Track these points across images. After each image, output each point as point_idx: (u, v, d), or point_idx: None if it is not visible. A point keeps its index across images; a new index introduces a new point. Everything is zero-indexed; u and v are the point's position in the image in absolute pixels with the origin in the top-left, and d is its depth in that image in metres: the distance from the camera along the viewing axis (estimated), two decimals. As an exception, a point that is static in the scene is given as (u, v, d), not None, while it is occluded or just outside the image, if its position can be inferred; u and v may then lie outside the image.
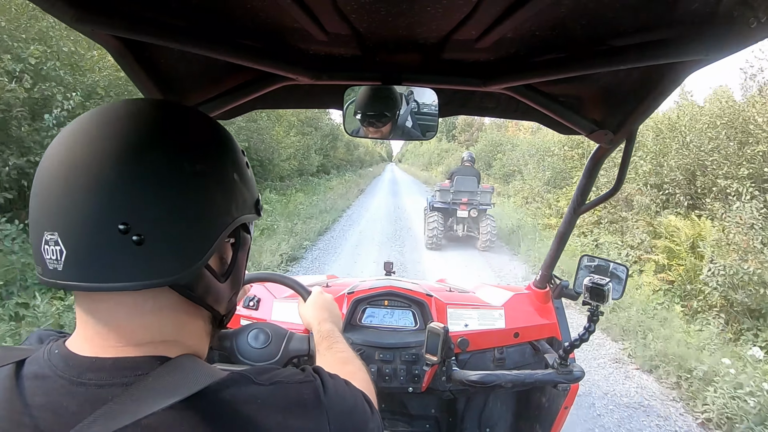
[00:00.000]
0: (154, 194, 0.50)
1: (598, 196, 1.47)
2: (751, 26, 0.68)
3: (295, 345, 1.18)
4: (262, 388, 0.53)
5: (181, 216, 0.52)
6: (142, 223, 0.49)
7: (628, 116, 1.13)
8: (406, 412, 1.87)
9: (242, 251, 0.66)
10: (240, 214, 0.60)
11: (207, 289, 0.58)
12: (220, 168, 0.58)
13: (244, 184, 0.62)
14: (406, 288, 1.71)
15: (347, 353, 0.92)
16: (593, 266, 1.56)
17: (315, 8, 0.78)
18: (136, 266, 0.50)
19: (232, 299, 0.66)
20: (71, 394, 0.49)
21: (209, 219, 0.55)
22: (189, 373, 0.51)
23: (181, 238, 0.52)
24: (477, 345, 1.65)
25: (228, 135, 0.63)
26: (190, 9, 0.80)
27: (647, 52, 0.81)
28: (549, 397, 1.76)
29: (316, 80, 1.05)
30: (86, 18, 0.70)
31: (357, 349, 1.54)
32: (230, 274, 0.62)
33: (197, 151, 0.55)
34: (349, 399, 0.61)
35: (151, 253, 0.50)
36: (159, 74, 0.99)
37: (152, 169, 0.50)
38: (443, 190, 8.82)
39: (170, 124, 0.56)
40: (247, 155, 0.68)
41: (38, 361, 0.54)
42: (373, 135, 1.18)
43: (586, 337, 1.39)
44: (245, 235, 0.66)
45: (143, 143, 0.52)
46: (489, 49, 0.95)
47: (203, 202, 0.54)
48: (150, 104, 0.58)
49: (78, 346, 0.54)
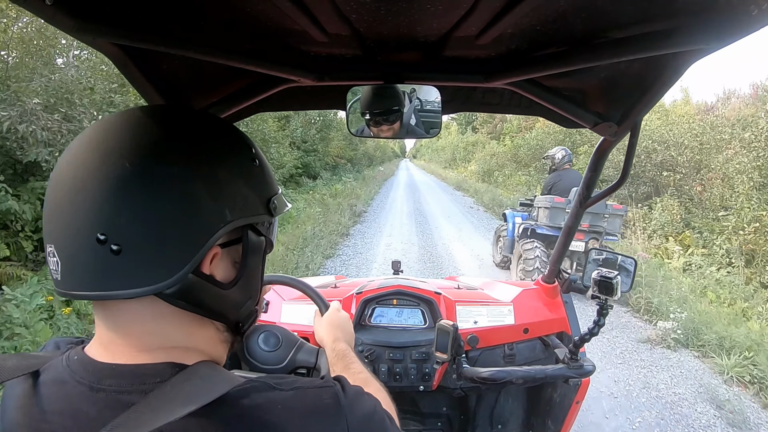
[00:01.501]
0: (127, 202, 0.49)
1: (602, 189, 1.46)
2: (752, 13, 0.67)
3: (303, 356, 1.18)
4: (282, 394, 0.53)
5: (158, 223, 0.50)
6: (120, 232, 0.49)
7: (632, 108, 1.13)
8: (417, 411, 1.87)
9: (254, 255, 0.61)
10: (238, 216, 0.56)
11: (207, 297, 0.56)
12: (205, 168, 0.54)
13: (247, 183, 0.58)
14: (414, 286, 1.72)
15: (365, 374, 0.91)
16: (601, 259, 1.56)
17: (315, 10, 0.79)
18: (118, 276, 0.49)
19: (245, 306, 0.62)
20: (91, 400, 0.50)
21: (192, 224, 0.52)
22: (207, 381, 0.51)
23: (161, 245, 0.50)
24: (487, 342, 1.65)
25: (222, 132, 0.60)
26: (191, 15, 0.80)
27: (648, 43, 0.81)
28: (560, 393, 1.75)
29: (318, 81, 1.05)
30: (87, 27, 0.70)
31: (367, 349, 1.55)
32: (238, 281, 0.59)
33: (173, 153, 0.53)
34: (368, 405, 0.60)
35: (131, 262, 0.49)
36: (161, 81, 0.99)
37: (124, 177, 0.49)
38: (556, 209, 5.92)
39: (144, 127, 0.54)
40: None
41: (57, 367, 0.54)
42: (379, 134, 1.19)
43: (596, 331, 1.39)
44: (256, 238, 0.61)
45: (115, 151, 0.51)
46: (490, 45, 0.95)
47: (182, 207, 0.51)
48: (129, 111, 0.57)
49: (96, 353, 0.54)
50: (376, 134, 1.19)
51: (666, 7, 0.76)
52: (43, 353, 0.61)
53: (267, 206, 0.61)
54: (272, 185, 0.64)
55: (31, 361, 0.57)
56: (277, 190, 0.65)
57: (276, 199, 0.64)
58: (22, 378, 0.55)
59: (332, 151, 21.48)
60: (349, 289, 1.77)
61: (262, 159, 0.63)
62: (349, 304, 1.67)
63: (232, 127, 0.63)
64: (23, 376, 0.55)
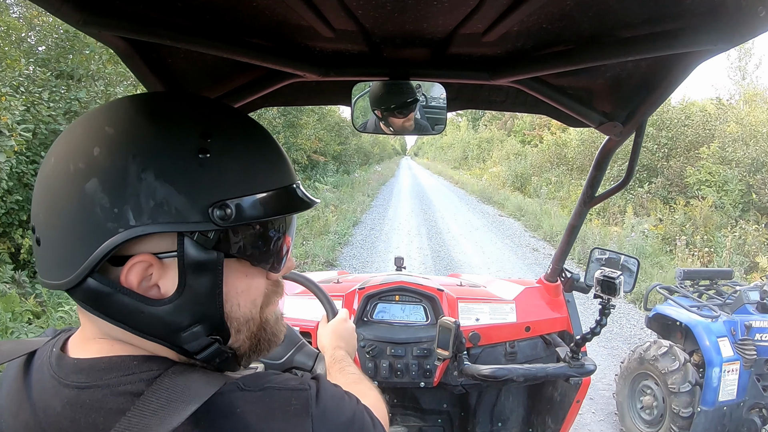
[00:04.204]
0: (41, 198, 0.51)
1: (607, 189, 1.46)
2: (760, 15, 0.67)
3: (301, 357, 1.19)
4: (248, 394, 0.50)
5: (59, 221, 0.49)
6: (39, 225, 0.51)
7: (638, 108, 1.13)
8: (418, 407, 1.88)
9: (198, 274, 0.50)
10: (149, 221, 0.47)
11: (121, 309, 0.49)
12: (108, 164, 0.47)
13: (175, 181, 0.48)
14: (417, 283, 1.72)
15: (358, 375, 0.91)
16: (604, 259, 1.55)
17: (321, 5, 0.79)
18: (43, 265, 0.52)
19: (191, 332, 0.51)
20: (59, 396, 0.50)
21: (83, 226, 0.47)
22: (182, 390, 0.48)
23: (62, 243, 0.49)
24: (488, 339, 1.65)
25: (160, 119, 0.52)
26: (197, 8, 0.80)
27: (655, 42, 0.81)
28: (561, 391, 1.75)
29: (324, 77, 1.05)
30: (93, 20, 0.71)
31: (369, 344, 1.55)
32: (173, 300, 0.50)
33: (79, 150, 0.49)
34: (346, 413, 0.55)
35: (47, 254, 0.51)
36: (167, 74, 1.00)
37: (46, 173, 0.51)
38: None
39: (80, 123, 0.52)
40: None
41: (42, 357, 0.55)
42: (389, 129, 1.19)
43: (597, 330, 1.39)
44: (192, 252, 0.49)
45: (53, 149, 0.52)
46: (496, 42, 0.95)
47: (74, 207, 0.47)
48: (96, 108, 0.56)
49: (71, 345, 0.55)
50: (384, 129, 1.19)
51: (673, 8, 0.76)
52: (38, 339, 0.61)
53: (206, 212, 0.49)
54: (239, 182, 0.51)
55: (26, 346, 0.58)
56: (254, 188, 0.52)
57: (245, 202, 0.51)
58: (15, 364, 0.56)
59: (305, 143, 14.69)
60: (351, 284, 1.77)
61: (226, 148, 0.52)
62: (351, 299, 1.67)
63: (175, 111, 0.54)
64: (16, 363, 0.56)
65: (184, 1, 0.77)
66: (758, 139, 9.76)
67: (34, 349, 0.57)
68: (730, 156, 9.75)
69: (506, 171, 18.52)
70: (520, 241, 9.49)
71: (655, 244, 8.31)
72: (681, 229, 8.70)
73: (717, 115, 11.71)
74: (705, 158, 10.09)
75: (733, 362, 2.77)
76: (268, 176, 0.55)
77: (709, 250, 7.78)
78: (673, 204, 10.07)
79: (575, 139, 14.69)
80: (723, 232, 8.15)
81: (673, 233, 8.63)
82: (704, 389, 2.77)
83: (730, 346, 2.80)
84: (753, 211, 9.09)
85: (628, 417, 3.30)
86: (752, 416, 2.90)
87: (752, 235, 7.78)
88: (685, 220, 8.93)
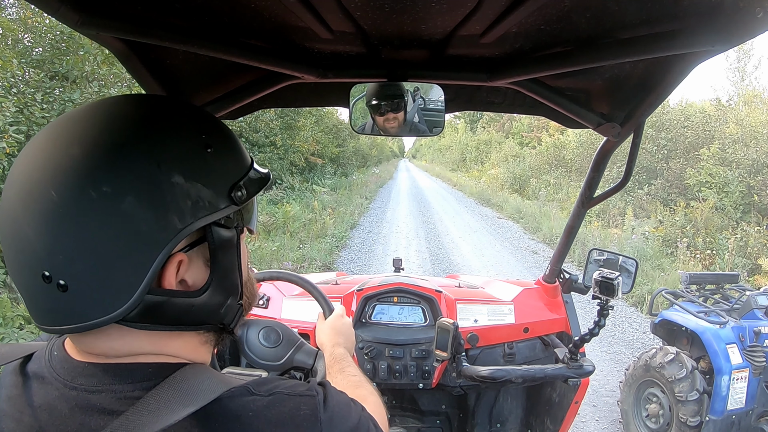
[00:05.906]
0: (60, 237, 0.45)
1: (605, 190, 1.46)
2: (758, 16, 0.67)
3: (301, 356, 1.19)
4: (257, 399, 0.51)
5: (96, 253, 0.46)
6: (62, 268, 0.46)
7: (636, 109, 1.13)
8: (416, 409, 1.88)
9: (225, 251, 0.56)
10: (191, 220, 0.50)
11: (175, 312, 0.52)
12: (137, 180, 0.47)
13: (198, 178, 0.51)
14: (415, 284, 1.72)
15: (359, 377, 0.91)
16: (602, 260, 1.55)
17: (320, 7, 0.79)
18: (71, 310, 0.47)
19: (226, 306, 0.58)
20: (64, 398, 0.50)
21: (134, 246, 0.47)
22: (189, 389, 0.49)
23: (107, 274, 0.46)
24: (487, 340, 1.65)
25: (160, 126, 0.52)
26: (194, 10, 0.80)
27: (653, 43, 0.81)
28: (559, 392, 1.75)
29: (321, 78, 1.05)
30: (91, 21, 0.71)
31: (367, 346, 1.55)
32: (209, 285, 0.54)
33: (96, 172, 0.46)
34: (352, 419, 0.57)
35: (79, 295, 0.47)
36: (164, 75, 1.00)
37: (52, 210, 0.45)
38: None
39: (64, 148, 0.48)
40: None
41: (40, 359, 0.55)
42: (383, 129, 1.19)
43: (596, 331, 1.39)
44: (223, 233, 0.55)
45: (41, 182, 0.46)
46: (494, 43, 0.95)
47: (116, 230, 0.46)
48: (51, 124, 0.52)
49: (73, 348, 0.54)
50: (380, 130, 1.19)
51: (671, 9, 0.76)
52: (34, 343, 0.61)
53: (229, 196, 0.54)
54: (237, 167, 0.57)
55: (22, 349, 0.58)
56: (244, 169, 0.58)
57: (245, 181, 0.57)
58: (10, 368, 0.56)
59: (302, 146, 14.54)
60: (350, 286, 1.77)
61: (220, 140, 0.56)
62: (350, 301, 1.67)
63: (173, 115, 0.55)
64: (11, 367, 0.56)
65: (182, 2, 0.77)
66: (758, 140, 9.82)
67: (30, 352, 0.57)
68: (730, 157, 9.80)
69: (505, 173, 18.47)
70: (519, 243, 9.42)
71: (656, 246, 8.32)
72: (682, 231, 8.73)
73: (716, 117, 11.78)
74: (705, 159, 10.14)
75: (742, 370, 2.73)
76: (245, 156, 0.61)
77: (710, 252, 7.78)
78: (674, 206, 10.12)
79: (574, 140, 14.87)
80: (724, 234, 8.18)
81: (674, 235, 8.64)
82: (713, 398, 2.72)
83: (739, 353, 2.76)
84: (754, 212, 9.11)
85: (633, 425, 3.24)
86: (761, 425, 2.86)
87: (754, 237, 7.81)
88: (686, 222, 8.95)
